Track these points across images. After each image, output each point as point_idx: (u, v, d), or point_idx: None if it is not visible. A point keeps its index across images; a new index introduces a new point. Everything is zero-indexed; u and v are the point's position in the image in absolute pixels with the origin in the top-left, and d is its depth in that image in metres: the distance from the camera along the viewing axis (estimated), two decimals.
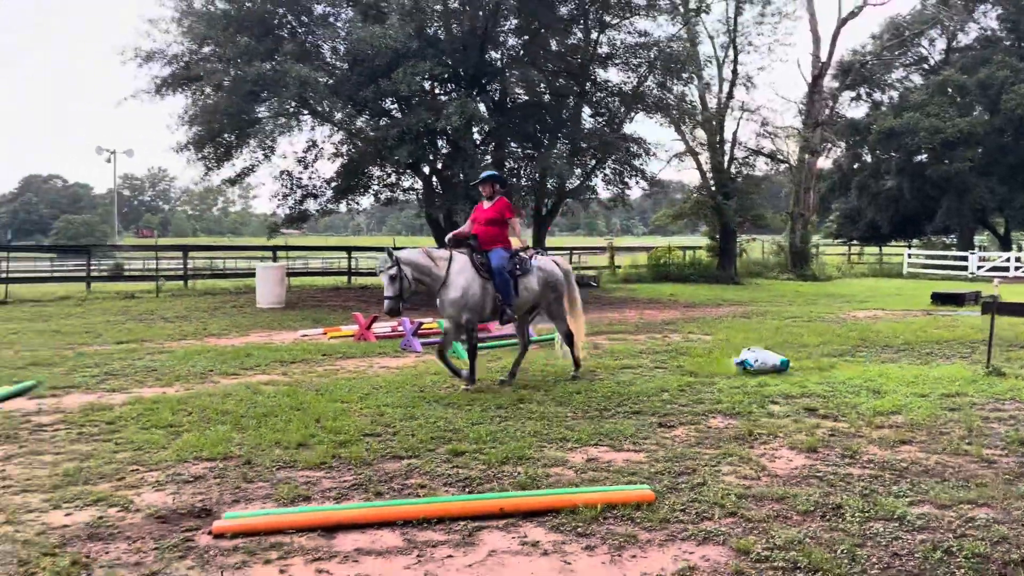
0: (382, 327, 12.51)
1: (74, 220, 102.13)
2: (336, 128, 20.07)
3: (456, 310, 7.99)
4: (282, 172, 20.72)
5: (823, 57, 32.19)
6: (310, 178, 21.20)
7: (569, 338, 8.83)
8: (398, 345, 11.24)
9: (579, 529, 4.23)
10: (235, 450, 5.68)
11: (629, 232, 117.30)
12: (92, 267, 24.41)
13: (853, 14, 32.26)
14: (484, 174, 8.63)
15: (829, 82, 35.62)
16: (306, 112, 18.60)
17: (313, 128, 20.41)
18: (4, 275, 19.81)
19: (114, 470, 5.24)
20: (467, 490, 4.89)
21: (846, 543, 4.02)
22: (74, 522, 4.32)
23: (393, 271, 7.76)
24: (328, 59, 18.90)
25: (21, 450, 5.76)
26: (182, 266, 24.05)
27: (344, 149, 21.00)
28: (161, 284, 20.71)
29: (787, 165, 32.39)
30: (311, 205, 21.41)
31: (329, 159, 21.55)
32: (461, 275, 7.98)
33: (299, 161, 20.99)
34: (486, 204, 8.44)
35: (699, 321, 14.97)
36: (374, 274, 29.23)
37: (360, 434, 6.12)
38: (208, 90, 17.84)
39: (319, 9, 18.13)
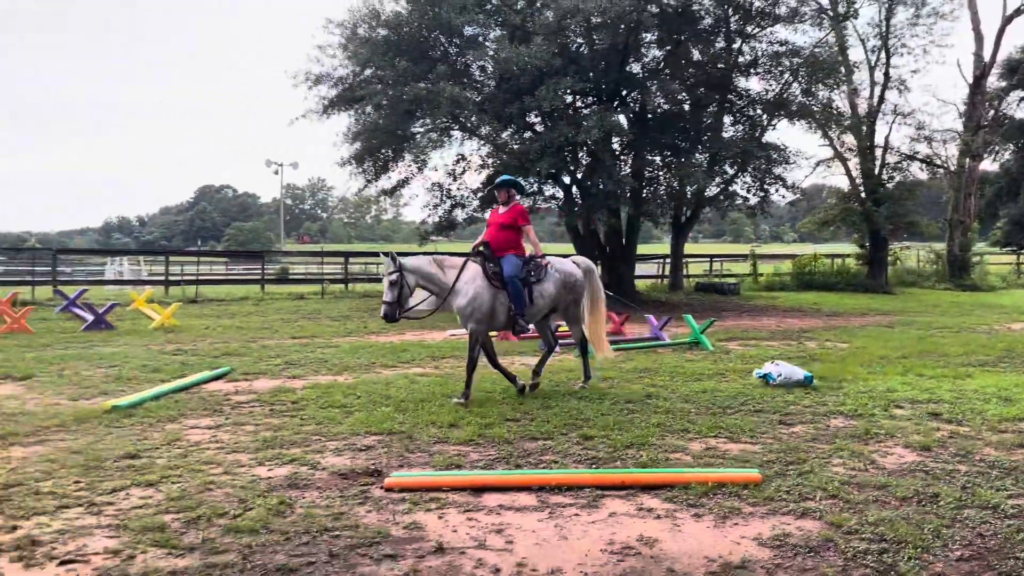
0: None
1: (243, 227, 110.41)
2: (483, 142, 21.27)
3: (463, 319, 7.91)
4: (433, 184, 22.14)
5: (987, 56, 30.60)
6: (458, 189, 22.51)
7: (583, 345, 8.68)
8: (537, 345, 12.07)
9: (690, 501, 4.85)
10: (398, 427, 6.66)
11: (778, 239, 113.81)
12: (262, 271, 26.88)
13: (1019, 11, 30.45)
14: (500, 180, 8.42)
15: (994, 82, 33.70)
16: (456, 128, 19.89)
17: (462, 143, 21.72)
18: (194, 277, 22.32)
19: (301, 439, 6.32)
20: (593, 467, 5.60)
21: (934, 523, 4.44)
22: (275, 475, 5.37)
23: (394, 276, 7.69)
24: (477, 77, 20.10)
25: (227, 421, 6.98)
26: (342, 270, 26.06)
27: (490, 161, 22.16)
28: (325, 286, 22.63)
29: (945, 170, 30.94)
30: (459, 214, 22.71)
31: (476, 170, 22.81)
32: (471, 284, 7.85)
33: (449, 173, 22.35)
34: (501, 210, 8.29)
35: (839, 330, 14.94)
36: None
37: (502, 419, 6.96)
38: (369, 109, 19.46)
39: (469, 31, 19.35)
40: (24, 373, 9.17)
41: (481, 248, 8.15)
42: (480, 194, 22.69)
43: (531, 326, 8.35)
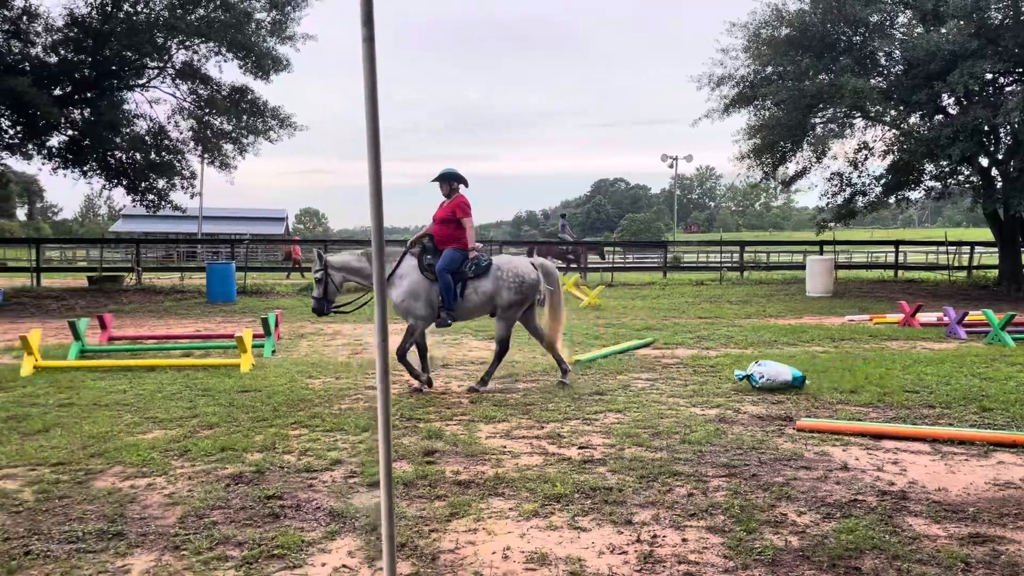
0: (927, 315, 13.52)
1: (636, 218, 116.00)
2: (888, 128, 20.95)
3: (399, 312, 8.07)
4: (833, 174, 22.31)
5: None
6: (859, 176, 22.36)
7: (501, 353, 8.36)
8: (942, 332, 12.23)
9: None
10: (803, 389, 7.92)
11: None
12: (664, 259, 29.24)
13: None
14: (440, 173, 8.21)
15: None
16: (858, 116, 19.95)
17: (864, 131, 21.60)
18: (609, 264, 25.42)
19: (723, 392, 7.90)
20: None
21: None
22: (707, 414, 7.01)
23: (319, 274, 8.04)
24: (882, 63, 19.90)
25: (660, 376, 8.84)
26: (738, 259, 27.31)
27: (895, 148, 21.67)
28: (723, 273, 24.14)
29: None
30: (859, 201, 22.55)
31: (879, 157, 22.44)
32: (406, 277, 7.98)
33: (849, 162, 22.33)
34: (445, 203, 8.19)
35: None
36: (924, 268, 28.65)
37: (901, 390, 7.83)
38: (768, 104, 20.43)
39: (875, 19, 19.27)
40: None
41: (425, 241, 8.25)
42: (883, 180, 22.31)
43: (450, 320, 8.08)
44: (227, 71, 62.05)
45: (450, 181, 8.18)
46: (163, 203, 21.80)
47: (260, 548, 3.94)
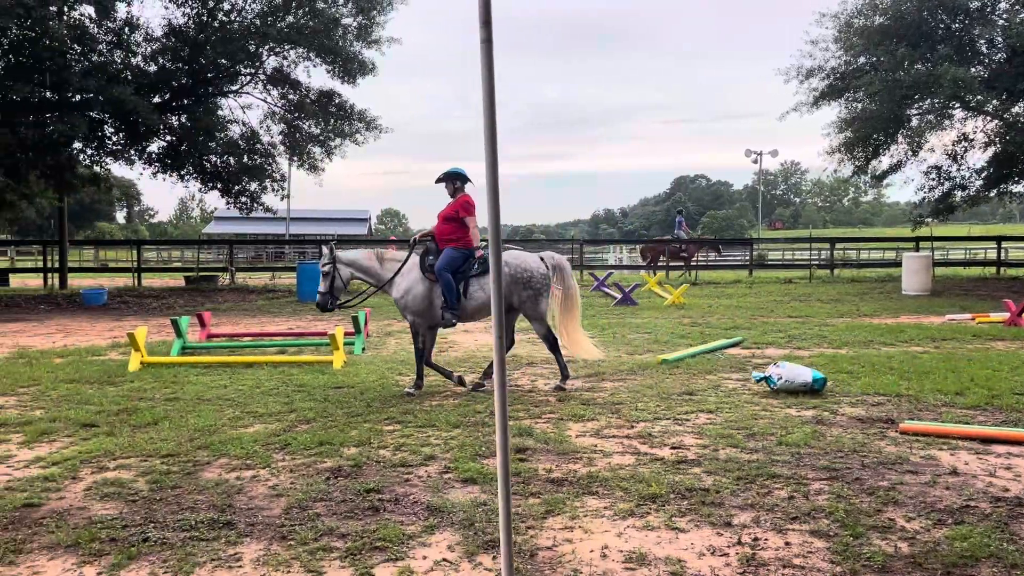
0: None
1: (717, 215, 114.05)
2: (989, 119, 19.99)
3: (401, 311, 8.09)
4: (930, 167, 21.44)
5: None
6: (958, 170, 21.41)
7: (551, 342, 8.15)
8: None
9: None
10: (904, 391, 7.62)
11: None
12: (750, 257, 28.59)
13: None
14: (444, 172, 8.17)
15: None
16: (957, 106, 19.10)
17: (963, 121, 20.67)
18: (696, 263, 25.08)
19: (819, 392, 7.68)
20: None
21: None
22: (803, 415, 6.81)
23: (327, 268, 8.01)
24: (983, 51, 19.00)
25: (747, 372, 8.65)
26: (826, 256, 26.53)
27: (996, 139, 20.67)
28: (813, 271, 23.48)
29: None
30: (958, 196, 21.60)
31: (980, 149, 21.44)
32: (407, 276, 7.95)
33: (948, 155, 21.40)
34: (449, 202, 8.16)
35: None
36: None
37: (1010, 392, 7.46)
38: (861, 96, 19.76)
39: (975, 4, 18.41)
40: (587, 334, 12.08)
41: (428, 240, 8.19)
42: (984, 173, 21.33)
43: (454, 321, 7.98)
44: (315, 76, 63.76)
45: (453, 180, 8.12)
46: (255, 205, 22.53)
47: (363, 540, 4.03)
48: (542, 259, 8.14)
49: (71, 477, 5.17)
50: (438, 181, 8.17)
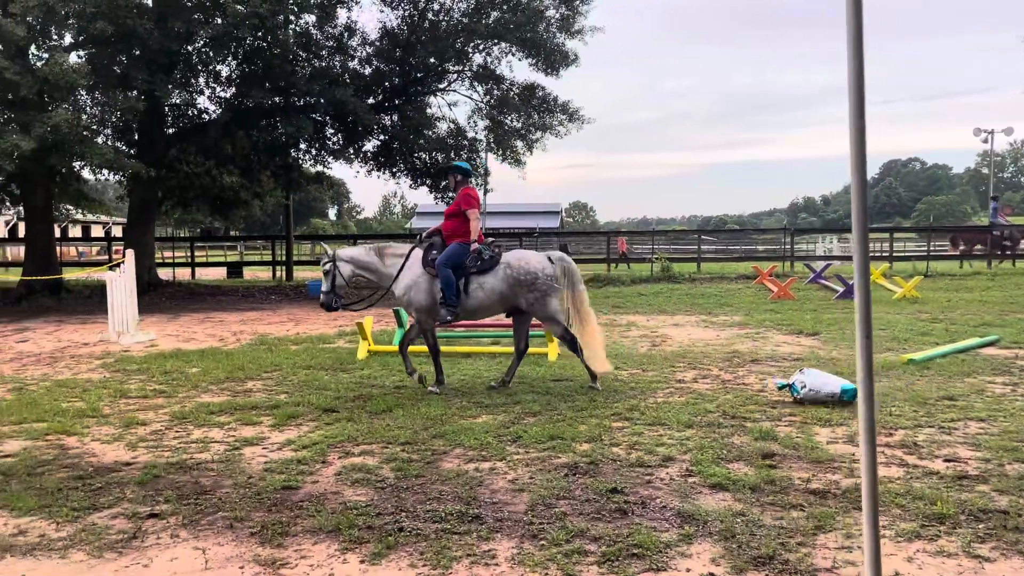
0: None
1: (934, 201, 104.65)
2: None
3: (405, 307, 7.90)
4: None
5: None
6: None
7: (570, 343, 7.69)
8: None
9: None
10: None
11: None
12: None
13: None
14: (448, 166, 7.11)
15: None
16: None
17: None
18: (925, 252, 23.01)
19: None
20: None
21: None
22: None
23: (327, 267, 7.85)
24: None
25: (1022, 380, 7.58)
26: None
27: None
28: None
29: None
30: None
31: None
32: (409, 271, 7.72)
33: None
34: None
35: None
36: None
37: None
38: None
39: None
40: (811, 330, 11.26)
41: (434, 237, 7.94)
42: None
43: (450, 317, 7.59)
44: (517, 69, 64.87)
45: (454, 174, 8.25)
46: None
47: (618, 545, 3.80)
48: (549, 259, 7.81)
49: (321, 461, 5.35)
50: (441, 177, 8.76)
